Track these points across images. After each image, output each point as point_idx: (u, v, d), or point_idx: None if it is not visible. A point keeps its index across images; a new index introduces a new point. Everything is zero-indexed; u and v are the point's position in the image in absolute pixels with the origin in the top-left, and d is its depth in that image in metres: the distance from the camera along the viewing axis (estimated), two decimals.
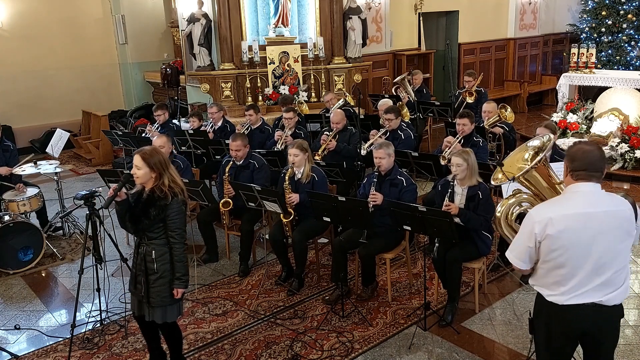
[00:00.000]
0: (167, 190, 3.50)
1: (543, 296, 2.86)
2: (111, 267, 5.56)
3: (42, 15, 10.86)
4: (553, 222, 2.69)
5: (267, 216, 5.85)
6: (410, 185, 4.88)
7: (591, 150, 2.74)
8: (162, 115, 7.45)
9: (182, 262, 3.61)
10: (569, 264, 2.72)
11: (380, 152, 4.84)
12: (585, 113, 9.06)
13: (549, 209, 2.77)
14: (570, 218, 2.69)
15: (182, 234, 3.61)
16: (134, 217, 3.57)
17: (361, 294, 5.01)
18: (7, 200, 6.07)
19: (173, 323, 3.83)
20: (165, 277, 3.58)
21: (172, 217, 3.52)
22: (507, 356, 4.19)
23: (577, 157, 2.73)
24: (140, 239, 3.63)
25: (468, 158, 4.54)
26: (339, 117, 6.63)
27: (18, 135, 10.53)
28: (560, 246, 2.71)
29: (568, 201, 2.76)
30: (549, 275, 2.80)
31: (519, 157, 3.01)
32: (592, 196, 2.73)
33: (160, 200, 3.50)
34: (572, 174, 2.76)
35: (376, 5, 10.62)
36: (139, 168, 3.52)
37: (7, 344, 4.55)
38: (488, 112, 6.73)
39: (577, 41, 11.49)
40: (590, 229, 2.68)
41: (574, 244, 2.69)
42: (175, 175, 3.61)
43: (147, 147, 3.68)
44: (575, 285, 2.74)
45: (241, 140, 5.62)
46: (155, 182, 3.53)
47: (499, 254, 5.45)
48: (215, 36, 8.94)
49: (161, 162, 3.55)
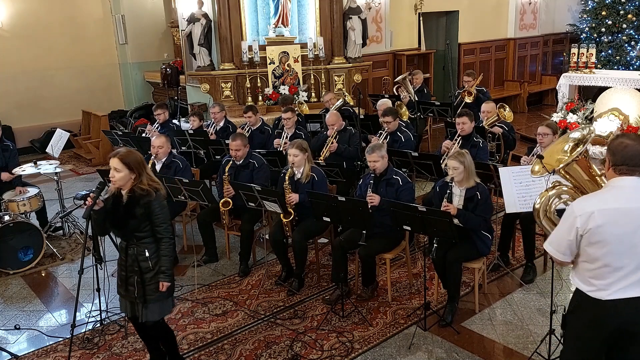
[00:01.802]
0: (148, 187, 3.49)
1: (582, 291, 2.82)
2: (111, 267, 5.55)
3: (42, 15, 10.86)
4: (595, 216, 2.66)
5: (267, 216, 5.85)
6: (406, 184, 4.89)
7: (632, 144, 2.69)
8: (162, 115, 7.45)
9: (168, 257, 3.62)
10: (610, 258, 2.68)
11: (373, 156, 4.84)
12: (585, 113, 9.04)
13: (591, 202, 2.72)
14: (611, 212, 2.65)
15: (167, 228, 3.62)
16: (118, 221, 3.54)
17: (361, 294, 5.01)
18: (7, 200, 6.08)
19: (162, 323, 3.83)
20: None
21: (157, 213, 3.52)
22: (507, 356, 4.19)
23: (618, 151, 2.69)
24: (128, 241, 3.61)
25: (464, 160, 4.52)
26: (334, 119, 6.60)
27: (18, 135, 10.53)
28: (602, 240, 2.67)
29: (610, 195, 2.71)
30: (590, 269, 2.76)
31: (559, 149, 2.93)
32: (634, 191, 2.68)
33: (144, 198, 3.48)
34: (615, 168, 2.72)
35: (376, 5, 10.62)
36: (118, 171, 3.48)
37: (7, 344, 4.55)
38: (487, 112, 6.73)
39: (577, 41, 11.47)
40: (631, 224, 2.65)
41: (616, 238, 2.66)
42: (151, 174, 3.61)
43: (122, 149, 3.64)
44: (616, 280, 2.70)
45: (241, 140, 5.63)
46: (134, 182, 3.50)
47: (499, 254, 5.45)
48: (215, 36, 8.94)
49: (139, 162, 3.53)
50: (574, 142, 2.88)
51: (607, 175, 2.81)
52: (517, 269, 5.41)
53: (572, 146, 2.88)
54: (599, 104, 8.87)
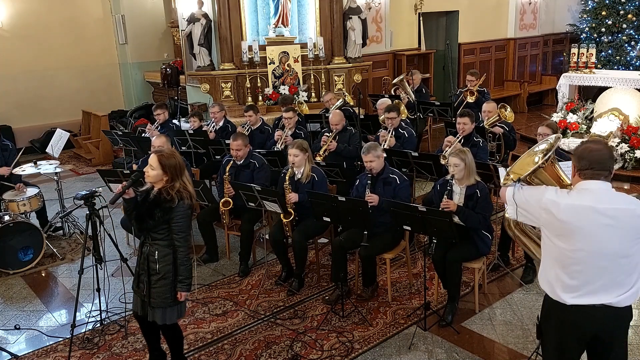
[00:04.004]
0: (175, 194, 3.50)
1: (550, 296, 2.81)
2: (111, 267, 5.56)
3: (42, 15, 10.86)
4: (560, 207, 2.65)
5: (267, 216, 5.85)
6: (403, 182, 4.90)
7: (598, 149, 2.70)
8: (162, 115, 7.45)
9: (185, 266, 3.60)
10: (576, 255, 2.67)
11: (369, 156, 4.85)
12: (585, 113, 9.05)
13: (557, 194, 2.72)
14: (577, 208, 2.64)
15: (186, 237, 3.61)
16: (139, 216, 3.57)
17: (361, 294, 5.01)
18: (7, 200, 6.08)
19: (174, 324, 3.83)
20: (167, 278, 3.58)
21: (177, 220, 3.52)
22: (507, 356, 4.19)
23: (584, 156, 2.70)
24: (144, 238, 3.64)
25: (465, 158, 4.53)
26: (338, 118, 6.61)
27: (18, 135, 10.53)
28: (566, 234, 2.66)
29: (576, 196, 2.69)
30: (556, 269, 2.75)
31: (529, 161, 2.92)
32: (601, 193, 2.67)
33: (166, 203, 3.49)
34: (580, 173, 2.72)
35: (376, 5, 10.62)
36: (152, 168, 3.53)
37: (7, 344, 4.55)
38: (488, 112, 6.73)
39: (577, 41, 11.48)
40: (598, 223, 2.62)
41: (582, 236, 2.64)
42: (188, 182, 3.61)
43: (167, 149, 3.71)
44: (583, 283, 2.68)
45: (241, 139, 5.63)
46: (165, 184, 3.53)
47: (499, 254, 5.45)
48: (215, 36, 8.93)
49: (176, 167, 3.54)
50: (543, 153, 2.87)
51: (572, 182, 2.81)
52: (517, 269, 5.41)
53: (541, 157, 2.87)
54: (599, 104, 8.88)
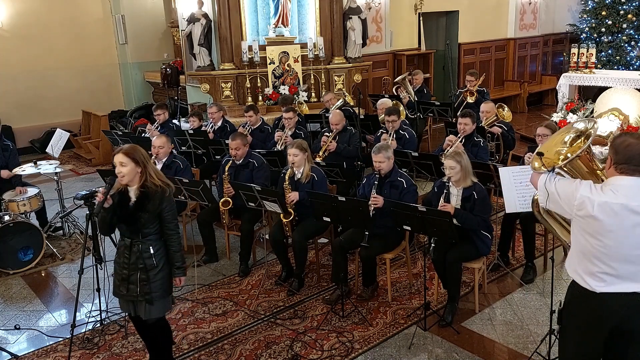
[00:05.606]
0: (161, 183, 3.55)
1: (577, 283, 2.79)
2: (111, 267, 5.52)
3: (42, 15, 10.85)
4: (595, 205, 2.63)
5: (267, 216, 5.85)
6: (410, 187, 4.88)
7: (635, 143, 2.65)
8: (162, 115, 7.45)
9: (179, 252, 3.71)
10: (606, 250, 2.66)
11: (379, 157, 4.83)
12: (585, 113, 9.05)
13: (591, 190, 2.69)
14: (612, 206, 2.63)
15: (177, 224, 3.72)
16: (127, 217, 3.56)
17: (361, 294, 5.01)
18: (7, 200, 6.08)
19: (164, 320, 3.87)
20: (164, 269, 3.65)
21: (168, 209, 3.59)
22: (507, 356, 4.19)
23: (620, 150, 2.66)
24: (133, 238, 3.62)
25: (461, 160, 4.52)
26: (338, 118, 6.62)
27: (18, 135, 10.53)
28: (598, 231, 2.66)
29: (610, 193, 2.67)
30: (584, 260, 2.74)
31: (558, 140, 2.84)
32: (635, 190, 2.64)
33: (158, 194, 3.53)
34: (616, 167, 2.69)
35: (376, 5, 10.62)
36: (124, 164, 3.51)
37: (7, 344, 4.55)
38: (486, 112, 6.73)
39: (577, 41, 11.47)
40: (629, 220, 2.61)
41: (613, 231, 2.63)
42: (156, 170, 3.66)
43: (125, 145, 3.72)
44: (613, 273, 2.68)
45: (240, 139, 5.63)
46: (141, 177, 3.54)
47: (499, 253, 5.45)
48: (215, 36, 8.93)
49: (144, 156, 3.58)
50: (576, 134, 2.78)
51: (607, 173, 2.77)
52: (517, 269, 5.41)
53: (572, 137, 2.79)
54: (599, 104, 8.88)
